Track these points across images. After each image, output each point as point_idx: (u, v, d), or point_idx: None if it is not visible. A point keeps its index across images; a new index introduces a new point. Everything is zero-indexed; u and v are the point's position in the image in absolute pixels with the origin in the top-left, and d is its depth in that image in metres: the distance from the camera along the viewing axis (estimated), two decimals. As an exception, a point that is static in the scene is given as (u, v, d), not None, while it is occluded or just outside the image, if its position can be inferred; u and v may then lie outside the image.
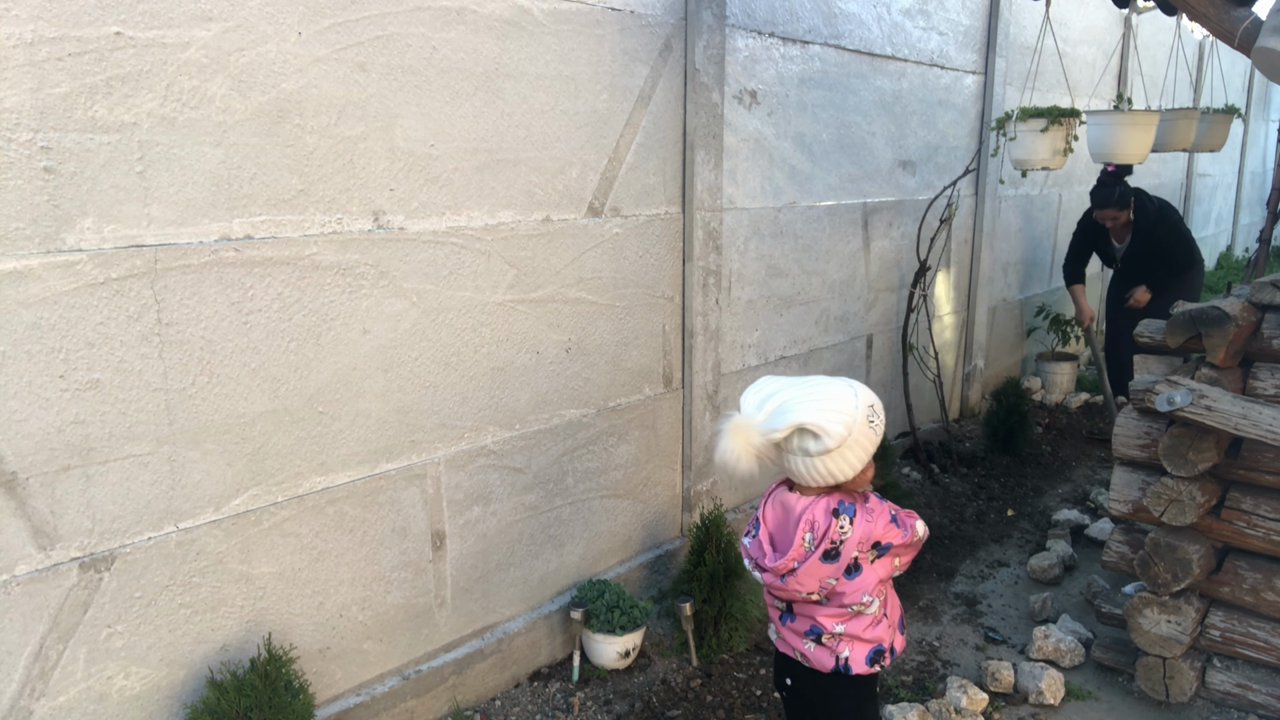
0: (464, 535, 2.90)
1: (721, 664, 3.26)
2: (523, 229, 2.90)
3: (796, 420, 1.88)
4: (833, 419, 1.89)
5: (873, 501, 2.06)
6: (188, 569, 2.26)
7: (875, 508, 2.04)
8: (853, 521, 1.98)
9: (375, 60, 2.44)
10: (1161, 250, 5.28)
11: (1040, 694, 3.02)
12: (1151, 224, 5.26)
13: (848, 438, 1.91)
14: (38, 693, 2.05)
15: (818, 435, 1.89)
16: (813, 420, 1.88)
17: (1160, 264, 5.32)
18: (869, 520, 2.00)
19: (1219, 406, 2.66)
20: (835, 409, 1.90)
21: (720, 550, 3.28)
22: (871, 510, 2.02)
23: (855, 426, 1.92)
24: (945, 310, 5.53)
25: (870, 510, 2.02)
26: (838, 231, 4.41)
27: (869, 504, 2.04)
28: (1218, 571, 3.00)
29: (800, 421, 1.88)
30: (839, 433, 1.89)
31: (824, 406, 1.90)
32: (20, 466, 1.97)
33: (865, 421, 1.95)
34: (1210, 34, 3.64)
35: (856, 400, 1.95)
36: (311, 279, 2.40)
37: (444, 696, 2.87)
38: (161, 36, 2.05)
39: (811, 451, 1.92)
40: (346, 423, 2.54)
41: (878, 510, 2.03)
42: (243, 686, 2.20)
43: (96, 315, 2.04)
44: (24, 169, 1.90)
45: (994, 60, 5.39)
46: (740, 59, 3.66)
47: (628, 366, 3.38)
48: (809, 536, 1.97)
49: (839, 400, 1.92)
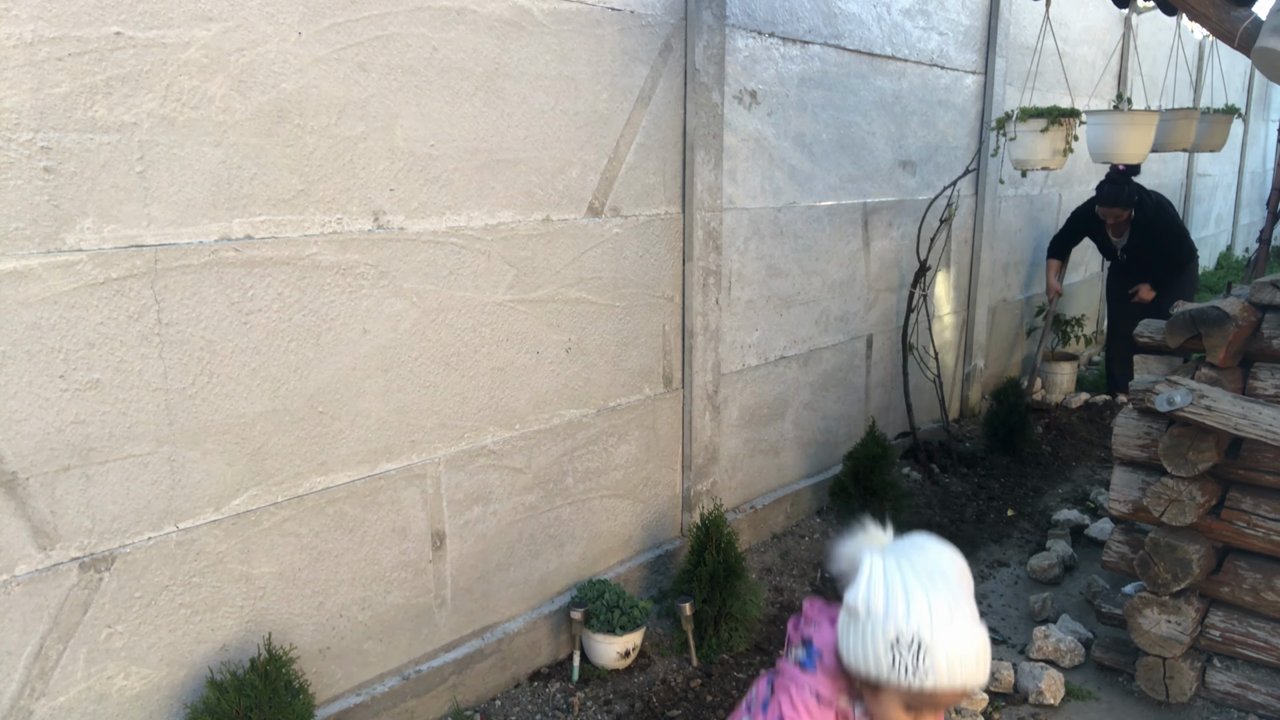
0: (464, 535, 2.90)
1: (721, 664, 3.26)
2: (523, 229, 2.90)
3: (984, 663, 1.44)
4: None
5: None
6: (188, 569, 2.26)
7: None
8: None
9: (375, 60, 2.44)
10: (1159, 243, 5.43)
11: (1040, 694, 3.02)
12: (1149, 218, 5.40)
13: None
14: (38, 693, 2.05)
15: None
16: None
17: (1159, 257, 5.46)
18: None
19: (1219, 406, 2.66)
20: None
21: (720, 550, 3.28)
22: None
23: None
24: (945, 310, 5.53)
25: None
26: (838, 231, 4.41)
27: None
28: (1218, 571, 3.00)
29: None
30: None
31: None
32: (20, 466, 1.97)
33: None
34: (1210, 34, 3.64)
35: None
36: (311, 279, 2.40)
37: (444, 696, 2.87)
38: (161, 36, 2.05)
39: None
40: (346, 423, 2.54)
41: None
42: (243, 686, 2.20)
43: (96, 315, 2.04)
44: (24, 169, 1.90)
45: (994, 60, 5.39)
46: (740, 59, 3.66)
47: (628, 366, 3.38)
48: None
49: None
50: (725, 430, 3.91)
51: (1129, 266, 5.65)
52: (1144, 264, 5.54)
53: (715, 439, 3.79)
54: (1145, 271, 5.54)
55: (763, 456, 4.18)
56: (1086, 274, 7.51)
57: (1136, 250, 5.54)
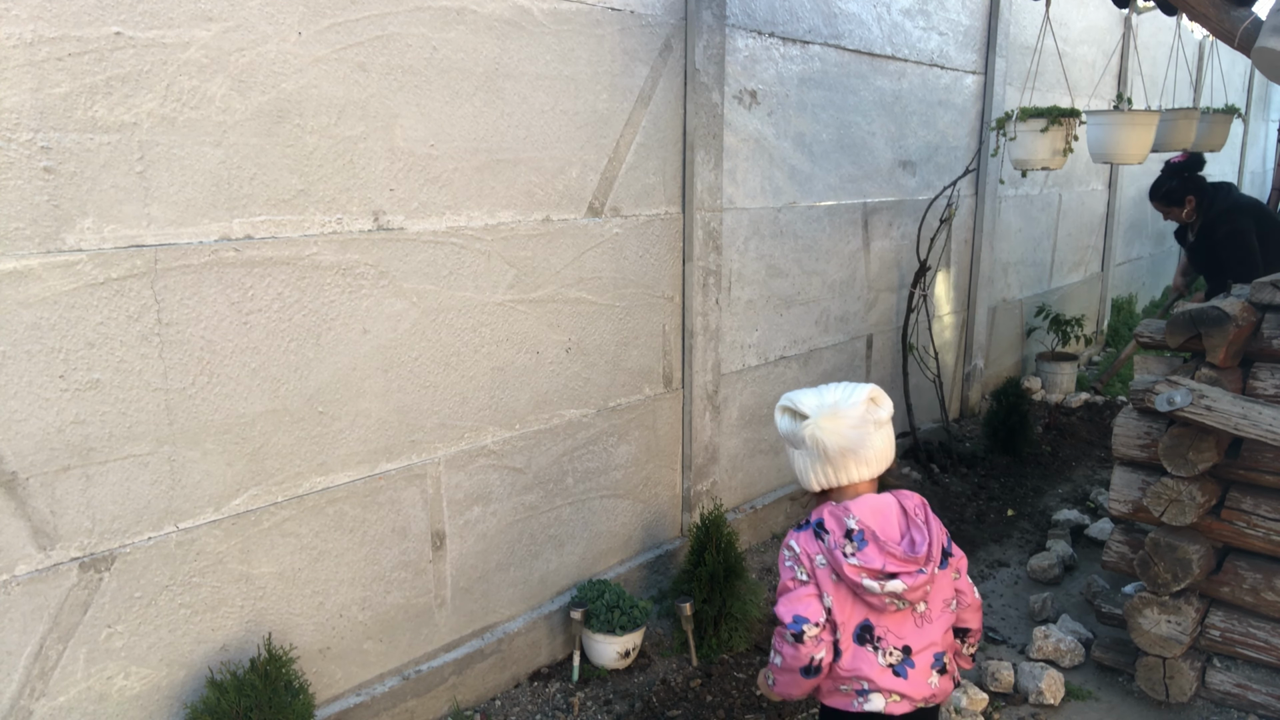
0: (464, 535, 2.90)
1: (721, 664, 3.26)
2: (523, 229, 2.90)
3: (861, 391, 1.94)
4: (876, 391, 1.98)
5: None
6: (188, 569, 2.26)
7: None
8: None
9: (375, 60, 2.44)
10: (1219, 254, 4.66)
11: (1040, 694, 3.02)
12: (1211, 223, 4.68)
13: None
14: (38, 693, 2.05)
15: (878, 402, 1.95)
16: (869, 389, 1.96)
17: (1216, 269, 4.74)
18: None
19: (1219, 406, 2.66)
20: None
21: (720, 550, 3.28)
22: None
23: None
24: (945, 310, 5.53)
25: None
26: (838, 231, 4.41)
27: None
28: (1218, 571, 3.00)
29: (866, 391, 1.94)
30: (889, 401, 1.99)
31: (856, 385, 1.99)
32: (20, 466, 1.97)
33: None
34: (1210, 34, 3.64)
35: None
36: (311, 279, 2.40)
37: (444, 696, 2.87)
38: (161, 36, 2.05)
39: (883, 420, 1.95)
40: (346, 423, 2.54)
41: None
42: (243, 686, 2.20)
43: (96, 315, 2.04)
44: (24, 169, 1.90)
45: (994, 60, 5.39)
46: (740, 59, 3.66)
47: (628, 366, 3.38)
48: (930, 534, 1.91)
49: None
50: (725, 430, 3.91)
51: (1193, 264, 5.04)
52: (1201, 267, 4.91)
53: (715, 439, 3.79)
54: (1204, 274, 4.92)
55: (763, 456, 4.18)
56: (1086, 274, 7.52)
57: (1198, 254, 4.87)
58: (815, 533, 1.91)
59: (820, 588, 1.88)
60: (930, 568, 1.87)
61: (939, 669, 1.94)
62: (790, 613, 1.87)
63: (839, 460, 1.91)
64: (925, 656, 1.92)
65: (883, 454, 1.96)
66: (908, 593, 1.84)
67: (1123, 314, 8.29)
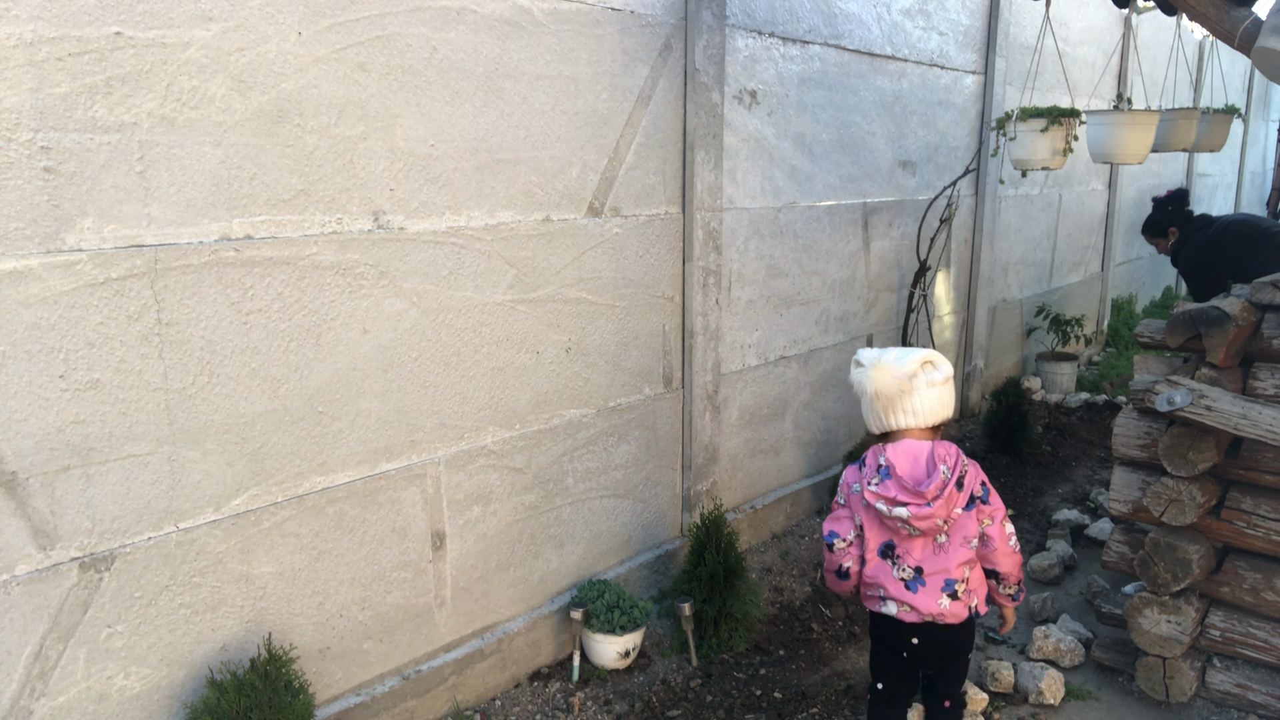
0: (464, 535, 2.90)
1: (721, 664, 3.26)
2: (523, 229, 2.90)
3: (921, 354, 2.28)
4: (937, 356, 2.32)
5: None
6: (188, 569, 2.26)
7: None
8: (968, 462, 2.31)
9: (375, 60, 2.44)
10: (1189, 282, 5.12)
11: (1040, 694, 3.02)
12: (1175, 252, 5.20)
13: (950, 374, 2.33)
14: (38, 693, 2.05)
15: (936, 365, 2.29)
16: (930, 354, 2.30)
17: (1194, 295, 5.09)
18: (975, 464, 2.33)
19: (1219, 406, 2.66)
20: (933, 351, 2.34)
21: (720, 550, 3.28)
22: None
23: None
24: (945, 310, 5.53)
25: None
26: (838, 231, 4.41)
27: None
28: (1218, 571, 3.00)
29: (924, 355, 2.29)
30: (949, 365, 2.32)
31: (924, 350, 2.33)
32: (20, 466, 1.97)
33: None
34: (1210, 34, 3.64)
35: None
36: (311, 279, 2.40)
37: (444, 696, 2.87)
38: (161, 36, 2.05)
39: (937, 381, 2.28)
40: (346, 423, 2.54)
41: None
42: (243, 686, 2.20)
43: (96, 315, 2.04)
44: (24, 169, 1.90)
45: (994, 60, 5.39)
46: (740, 59, 3.66)
47: (628, 366, 3.38)
48: (944, 468, 2.25)
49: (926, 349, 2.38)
50: (725, 430, 3.91)
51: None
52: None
53: (715, 439, 3.79)
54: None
55: (763, 456, 4.18)
56: (1086, 274, 7.52)
57: (1182, 276, 5.29)
58: (859, 466, 2.37)
59: (853, 510, 2.38)
60: (938, 505, 2.21)
61: (949, 593, 2.29)
62: (828, 529, 2.41)
63: (885, 406, 2.30)
64: (936, 580, 2.29)
65: (931, 409, 2.29)
66: (914, 519, 2.22)
67: (1123, 314, 8.29)
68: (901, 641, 2.40)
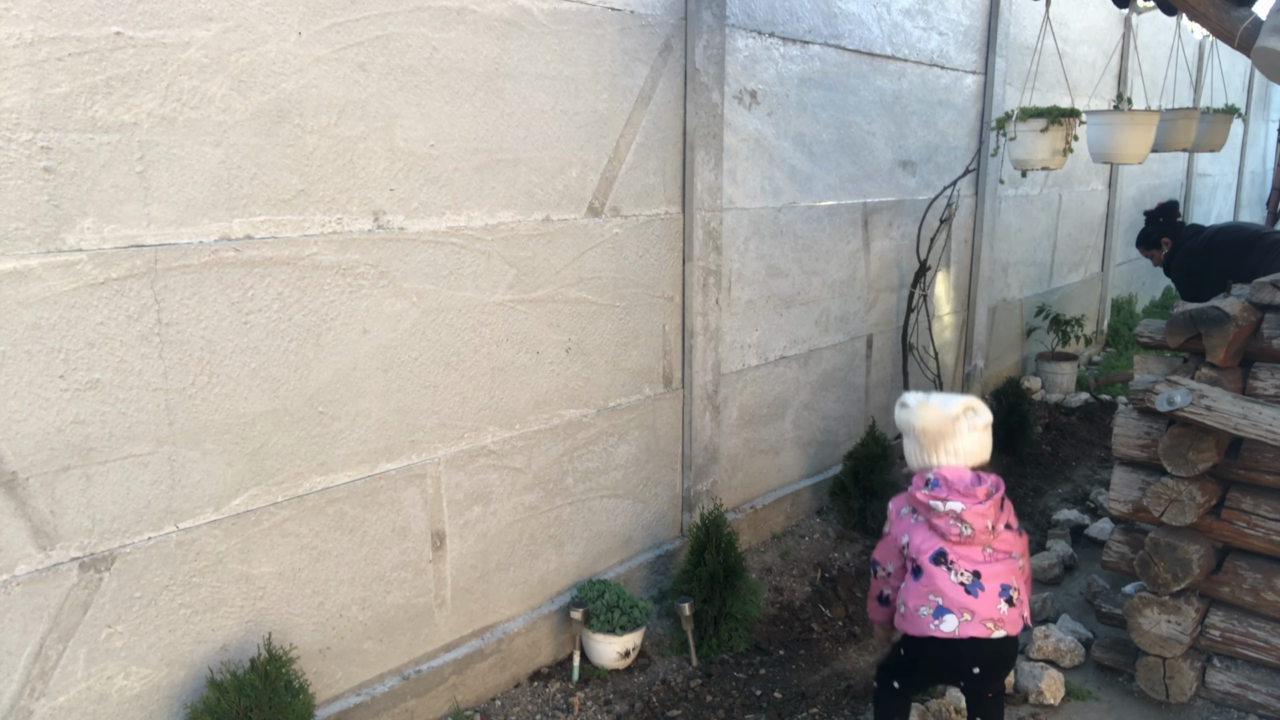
0: (464, 535, 2.90)
1: (721, 664, 3.26)
2: (523, 229, 2.90)
3: (963, 400, 2.45)
4: (979, 403, 2.48)
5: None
6: (188, 569, 2.26)
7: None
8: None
9: (375, 60, 2.44)
10: (1181, 291, 5.36)
11: (1040, 694, 3.02)
12: (1168, 262, 5.34)
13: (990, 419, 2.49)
14: (38, 693, 2.05)
15: (978, 411, 2.44)
16: (972, 400, 2.46)
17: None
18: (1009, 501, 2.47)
19: (1219, 406, 2.66)
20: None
21: (720, 550, 3.28)
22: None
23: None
24: (945, 310, 5.53)
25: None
26: (838, 231, 4.41)
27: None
28: (1218, 571, 2.99)
29: (967, 401, 2.45)
30: (989, 412, 2.47)
31: (966, 396, 2.49)
32: (20, 466, 1.97)
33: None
34: (1210, 34, 3.65)
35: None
36: (311, 279, 2.40)
37: (444, 696, 2.87)
38: (161, 36, 2.05)
39: (978, 426, 2.43)
40: (346, 423, 2.54)
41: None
42: (243, 686, 2.20)
43: (96, 315, 2.04)
44: (24, 169, 1.90)
45: (994, 60, 5.39)
46: (740, 59, 3.66)
47: (628, 366, 3.38)
48: (990, 484, 2.41)
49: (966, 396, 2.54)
50: (725, 430, 3.91)
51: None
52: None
53: (715, 439, 3.79)
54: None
55: (763, 456, 4.18)
56: (1086, 274, 7.52)
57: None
58: (905, 490, 2.49)
59: (899, 532, 2.46)
60: (989, 504, 2.33)
61: (1006, 599, 2.31)
62: (874, 557, 2.58)
63: (930, 444, 2.44)
64: (994, 584, 2.32)
65: (971, 451, 2.43)
66: (966, 514, 2.31)
67: (1123, 314, 8.29)
68: (959, 670, 2.40)
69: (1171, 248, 5.28)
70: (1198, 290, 4.97)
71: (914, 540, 2.40)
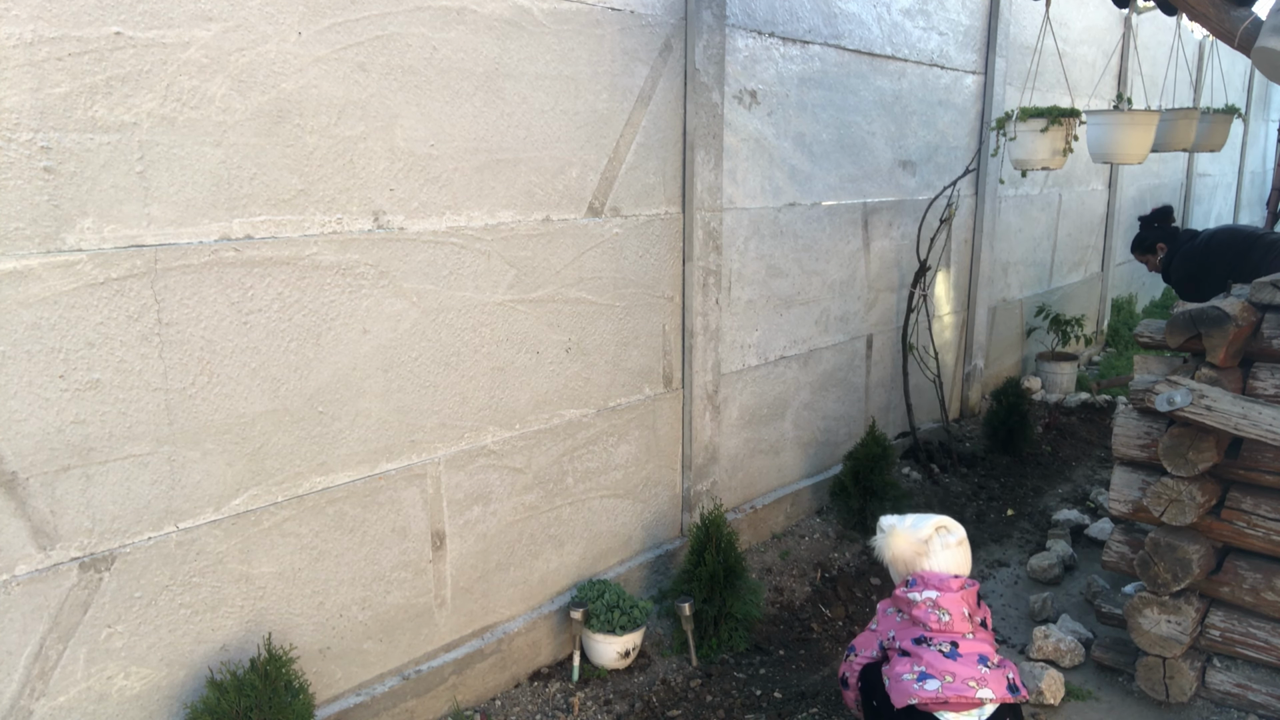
0: (464, 535, 2.90)
1: (721, 664, 3.26)
2: (523, 229, 2.90)
3: (934, 520, 2.50)
4: (950, 522, 2.54)
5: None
6: (188, 569, 2.26)
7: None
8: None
9: (375, 60, 2.44)
10: (1180, 294, 5.35)
11: (1040, 694, 3.02)
12: (1165, 266, 5.34)
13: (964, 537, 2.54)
14: (38, 693, 2.05)
15: (950, 530, 2.49)
16: (943, 520, 2.51)
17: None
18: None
19: (1219, 406, 2.66)
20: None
21: (720, 550, 3.28)
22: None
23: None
24: (945, 310, 5.54)
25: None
26: (838, 231, 4.41)
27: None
28: (1218, 571, 3.00)
29: (938, 521, 2.51)
30: (961, 529, 2.52)
31: (937, 516, 2.54)
32: (20, 466, 1.97)
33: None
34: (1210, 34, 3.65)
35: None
36: (311, 279, 2.40)
37: (444, 696, 2.87)
38: (161, 36, 2.05)
39: (951, 544, 2.48)
40: (346, 423, 2.54)
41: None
42: (243, 686, 2.20)
43: (96, 315, 2.04)
44: (24, 169, 1.90)
45: (994, 60, 5.39)
46: (740, 59, 3.66)
47: (628, 366, 3.38)
48: (964, 579, 2.46)
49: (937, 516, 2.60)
50: (725, 430, 3.91)
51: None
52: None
53: (715, 439, 3.79)
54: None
55: (763, 456, 4.18)
56: (1086, 274, 7.52)
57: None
58: (891, 596, 2.54)
59: (884, 628, 2.51)
60: (965, 593, 2.39)
61: (985, 665, 2.33)
62: (854, 642, 2.62)
63: (905, 569, 2.49)
64: (971, 655, 2.35)
65: (948, 568, 2.46)
66: (942, 600, 2.37)
67: (1123, 314, 8.29)
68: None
69: (1169, 252, 5.28)
70: (1198, 293, 4.97)
71: (898, 634, 2.45)
